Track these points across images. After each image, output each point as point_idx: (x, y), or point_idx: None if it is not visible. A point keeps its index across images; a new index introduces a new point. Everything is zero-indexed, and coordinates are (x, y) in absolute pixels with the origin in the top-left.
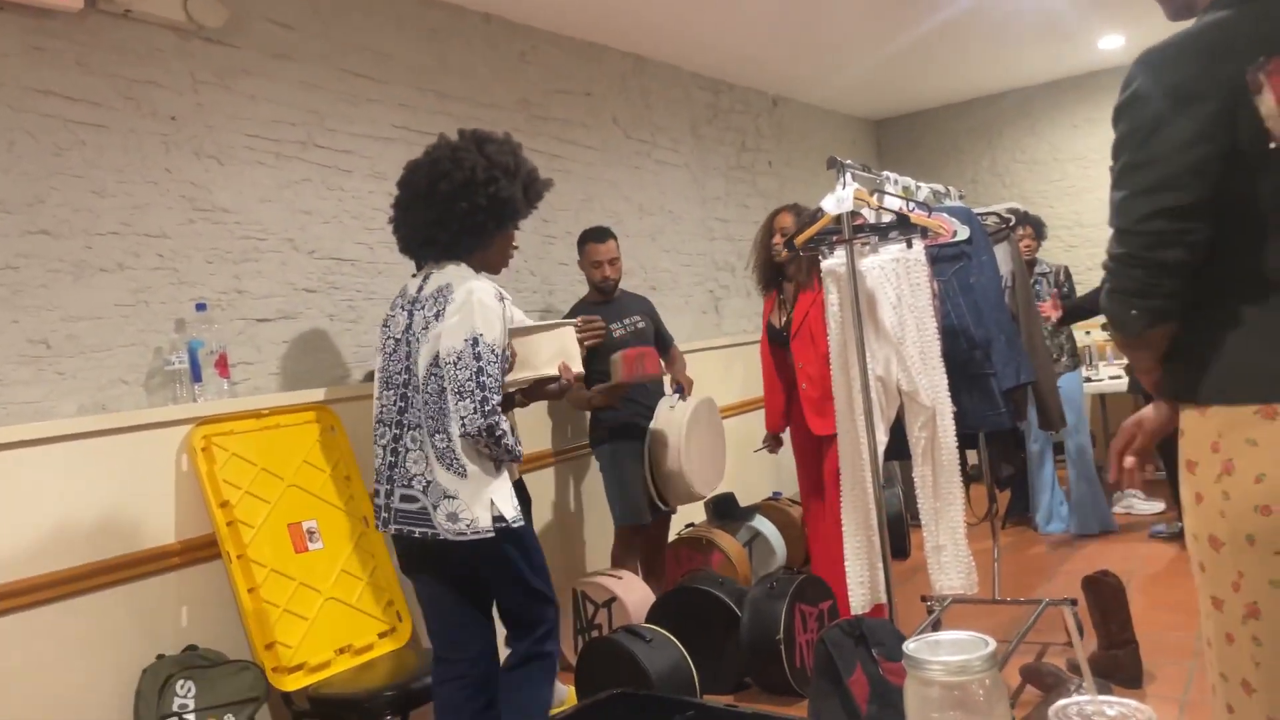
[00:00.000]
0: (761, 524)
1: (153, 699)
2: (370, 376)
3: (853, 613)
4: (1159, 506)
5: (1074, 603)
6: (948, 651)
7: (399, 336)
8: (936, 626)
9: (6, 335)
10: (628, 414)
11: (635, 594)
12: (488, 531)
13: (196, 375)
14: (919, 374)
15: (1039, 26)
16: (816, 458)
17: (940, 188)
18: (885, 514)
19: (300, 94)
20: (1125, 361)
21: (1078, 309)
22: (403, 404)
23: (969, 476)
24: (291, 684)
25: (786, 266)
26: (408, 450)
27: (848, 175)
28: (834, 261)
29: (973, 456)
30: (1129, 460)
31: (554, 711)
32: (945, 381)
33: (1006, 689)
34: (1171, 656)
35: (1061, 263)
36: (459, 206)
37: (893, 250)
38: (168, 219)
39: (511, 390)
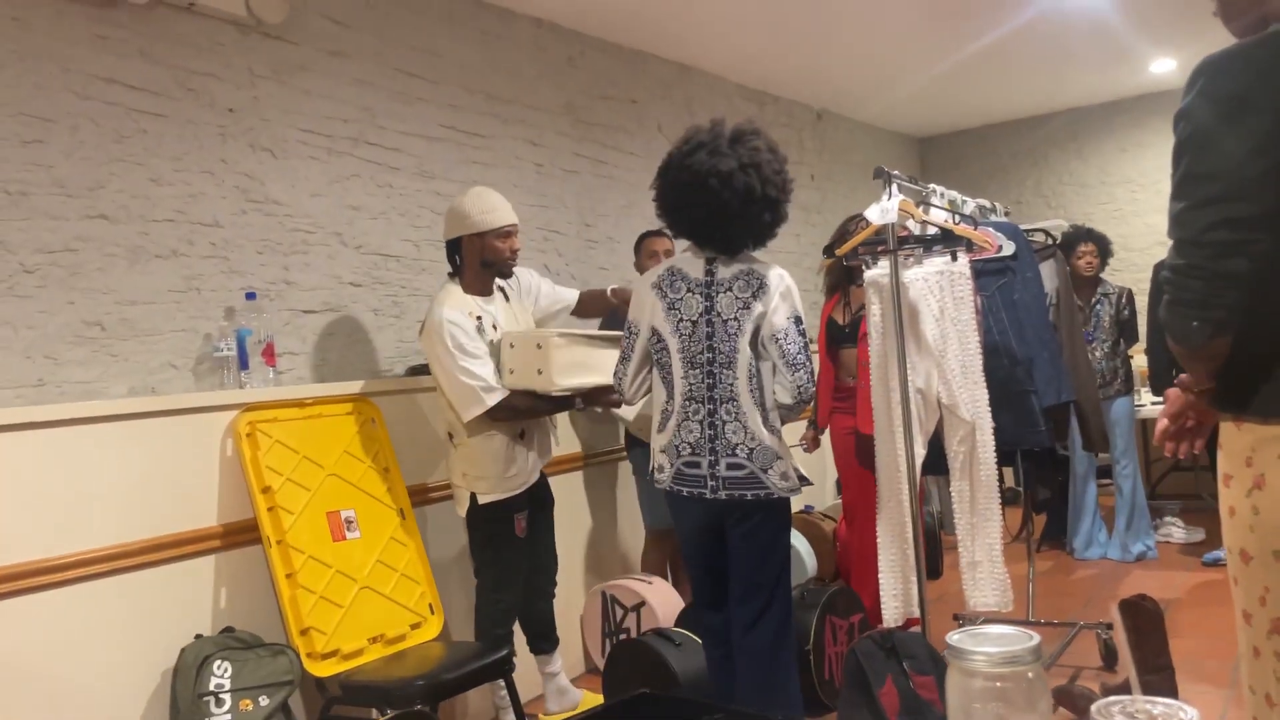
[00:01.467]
0: (792, 537)
1: (190, 677)
2: (413, 370)
3: (885, 625)
4: (1200, 535)
5: (1109, 627)
6: (992, 644)
7: (695, 319)
8: None
9: (63, 316)
10: None
11: (664, 599)
12: (803, 486)
13: (244, 363)
14: (960, 388)
15: (1090, 48)
16: (863, 457)
17: (986, 203)
18: (921, 527)
19: (353, 91)
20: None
21: None
22: (711, 380)
23: (1004, 498)
24: (325, 670)
25: (859, 272)
26: (725, 422)
27: (894, 186)
28: (877, 272)
29: (1008, 476)
30: (1163, 421)
31: (571, 715)
32: (986, 396)
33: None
34: (1207, 684)
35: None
36: (784, 209)
37: (937, 263)
38: (221, 208)
39: (572, 394)
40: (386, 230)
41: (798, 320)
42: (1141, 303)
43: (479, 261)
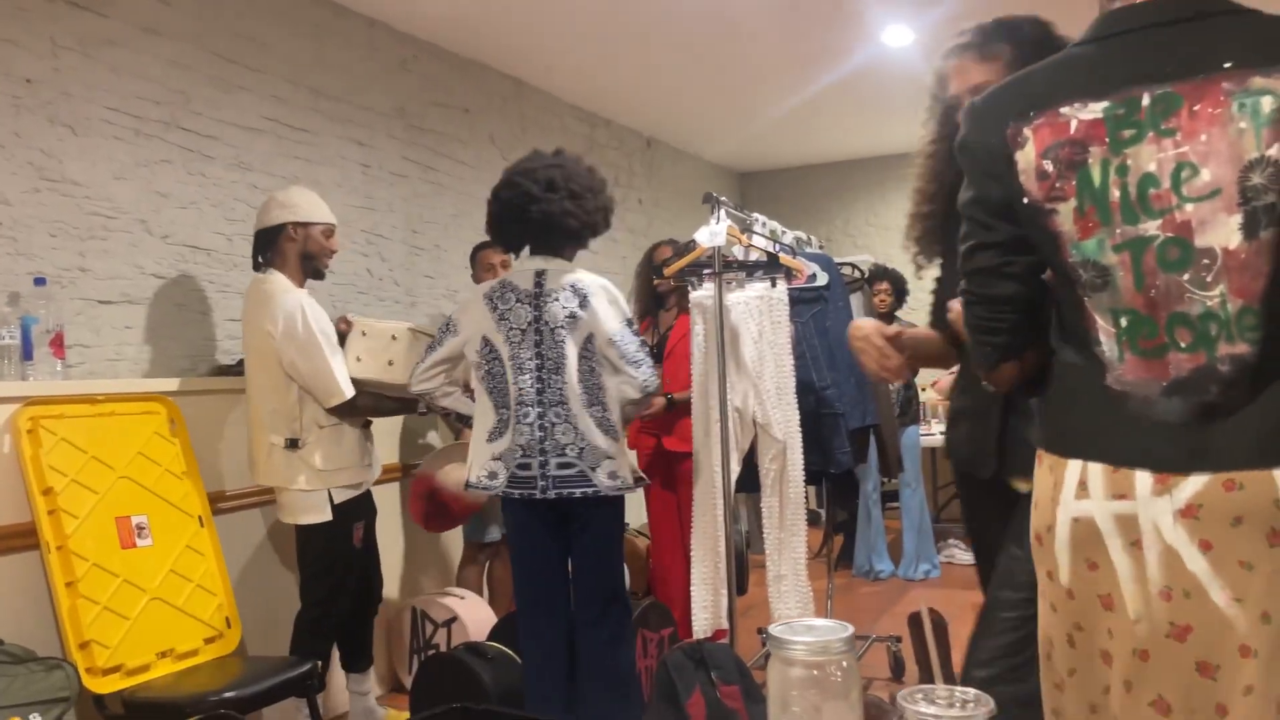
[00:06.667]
0: None
1: None
2: (219, 370)
3: (695, 636)
4: None
5: (899, 640)
6: (809, 634)
7: (524, 327)
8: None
9: None
10: None
11: (477, 614)
12: (636, 486)
13: (28, 353)
14: (774, 408)
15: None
16: (666, 475)
17: (803, 235)
18: (733, 542)
19: (168, 72)
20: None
21: None
22: (540, 385)
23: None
24: (106, 686)
25: (667, 295)
26: (554, 425)
27: (721, 211)
28: (702, 294)
29: (810, 497)
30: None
31: None
32: (798, 417)
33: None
34: None
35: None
36: (588, 204)
37: (757, 288)
38: (11, 185)
39: (419, 396)
40: (197, 221)
41: (628, 322)
42: None
43: (299, 253)
